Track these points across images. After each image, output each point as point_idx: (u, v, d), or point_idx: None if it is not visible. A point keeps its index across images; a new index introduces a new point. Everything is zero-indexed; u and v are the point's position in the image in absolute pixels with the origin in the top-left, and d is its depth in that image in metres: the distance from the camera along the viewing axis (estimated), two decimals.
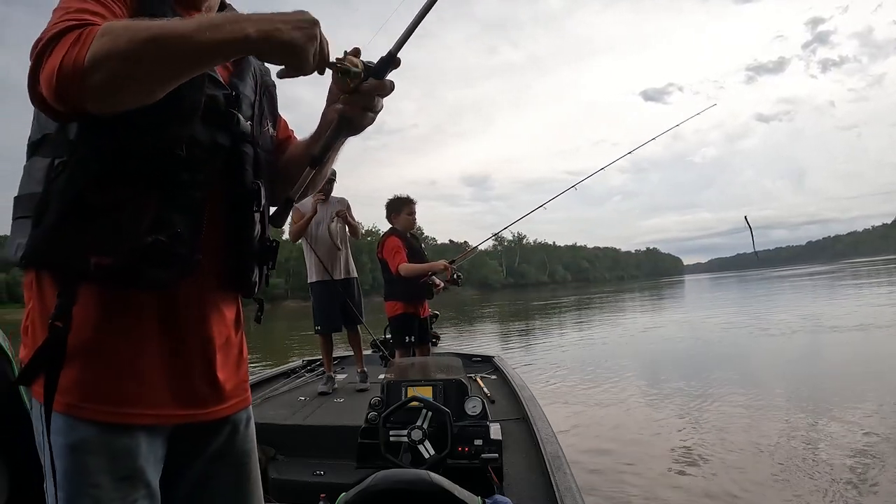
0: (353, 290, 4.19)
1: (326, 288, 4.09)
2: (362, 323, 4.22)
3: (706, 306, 22.17)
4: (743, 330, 12.35)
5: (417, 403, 2.10)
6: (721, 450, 4.35)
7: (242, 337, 0.98)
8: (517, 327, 18.42)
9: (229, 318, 0.93)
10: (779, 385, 6.52)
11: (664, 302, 28.98)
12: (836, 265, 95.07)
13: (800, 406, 5.45)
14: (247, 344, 1.01)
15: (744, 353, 9.34)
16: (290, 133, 1.09)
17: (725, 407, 5.65)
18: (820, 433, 4.59)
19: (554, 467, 2.14)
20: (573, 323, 18.07)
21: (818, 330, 11.40)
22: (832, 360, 8.14)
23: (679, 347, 10.63)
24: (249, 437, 0.98)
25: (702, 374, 7.43)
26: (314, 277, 4.13)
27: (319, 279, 4.11)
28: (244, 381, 0.97)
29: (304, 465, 2.69)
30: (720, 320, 14.89)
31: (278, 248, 0.98)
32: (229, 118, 0.86)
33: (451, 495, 1.34)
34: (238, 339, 0.96)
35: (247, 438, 0.98)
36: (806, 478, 3.67)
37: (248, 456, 0.97)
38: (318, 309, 4.12)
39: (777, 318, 14.05)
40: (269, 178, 0.96)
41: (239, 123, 0.88)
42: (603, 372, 8.18)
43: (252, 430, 1.00)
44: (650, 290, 46.13)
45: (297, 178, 0.92)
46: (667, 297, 33.54)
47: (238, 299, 0.97)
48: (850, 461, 3.87)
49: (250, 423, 0.99)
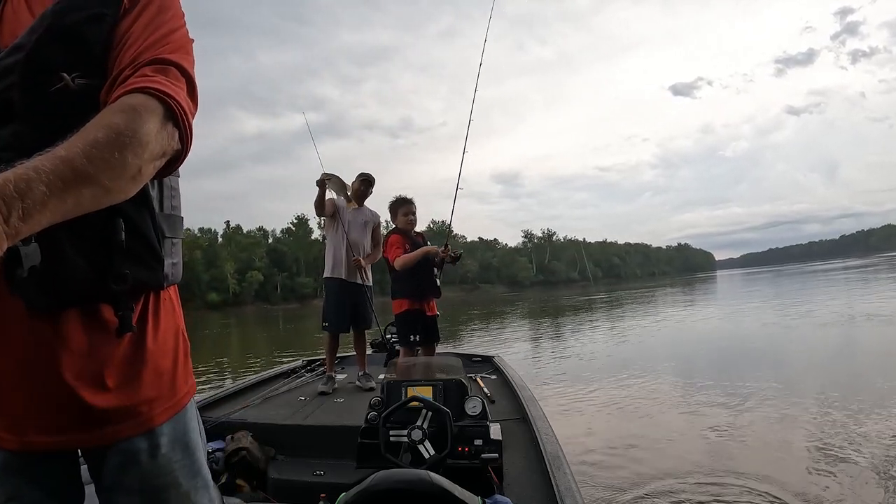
0: (364, 295, 4.23)
1: (340, 286, 4.12)
2: (370, 327, 4.27)
3: (734, 303, 22.16)
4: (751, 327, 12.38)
5: (417, 403, 2.10)
6: (724, 450, 4.36)
7: (131, 352, 0.81)
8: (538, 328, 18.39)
9: (63, 332, 0.76)
10: (794, 386, 6.45)
11: (694, 299, 29.08)
12: (870, 259, 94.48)
13: (821, 412, 5.30)
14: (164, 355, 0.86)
15: (743, 353, 9.36)
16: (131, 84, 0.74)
17: (733, 406, 5.66)
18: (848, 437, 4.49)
19: (554, 467, 2.13)
20: (595, 325, 17.87)
21: (854, 326, 11.36)
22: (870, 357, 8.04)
23: (715, 346, 10.58)
24: (163, 470, 0.84)
25: (729, 372, 7.42)
26: (330, 273, 4.16)
27: (335, 276, 4.14)
28: (134, 404, 0.81)
29: (304, 465, 2.69)
30: (742, 318, 14.88)
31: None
32: None
33: (451, 495, 1.34)
34: (104, 358, 0.79)
35: (156, 472, 0.83)
36: (816, 485, 3.64)
37: (161, 492, 0.84)
38: (329, 307, 4.15)
39: (811, 312, 14.00)
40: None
41: None
42: (604, 372, 8.19)
43: (174, 460, 0.85)
44: (681, 287, 46.10)
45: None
46: (697, 294, 33.64)
47: (80, 308, 0.77)
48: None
49: (160, 453, 0.84)
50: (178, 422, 0.87)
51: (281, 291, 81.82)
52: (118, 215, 0.75)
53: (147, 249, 0.80)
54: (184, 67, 0.79)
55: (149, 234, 0.80)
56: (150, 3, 0.81)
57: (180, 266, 0.91)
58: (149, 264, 0.81)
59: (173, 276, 0.88)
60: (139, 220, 0.78)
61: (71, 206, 0.60)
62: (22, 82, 0.72)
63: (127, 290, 0.78)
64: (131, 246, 0.77)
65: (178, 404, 0.88)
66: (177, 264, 0.89)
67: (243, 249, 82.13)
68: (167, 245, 0.85)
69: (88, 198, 0.62)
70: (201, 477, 0.90)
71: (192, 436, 0.90)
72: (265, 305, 75.21)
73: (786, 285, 34.31)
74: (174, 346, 0.89)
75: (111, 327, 0.79)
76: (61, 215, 0.60)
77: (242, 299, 75.35)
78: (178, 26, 0.83)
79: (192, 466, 0.88)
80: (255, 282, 77.76)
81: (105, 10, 0.77)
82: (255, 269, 79.01)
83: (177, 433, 0.87)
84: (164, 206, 0.85)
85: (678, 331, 13.97)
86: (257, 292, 78.65)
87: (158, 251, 0.82)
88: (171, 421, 0.86)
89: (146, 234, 0.80)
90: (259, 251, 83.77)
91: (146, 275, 0.80)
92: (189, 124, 0.76)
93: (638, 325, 16.05)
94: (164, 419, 0.85)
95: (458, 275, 44.12)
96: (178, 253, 0.90)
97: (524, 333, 16.25)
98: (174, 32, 0.81)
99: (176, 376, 0.88)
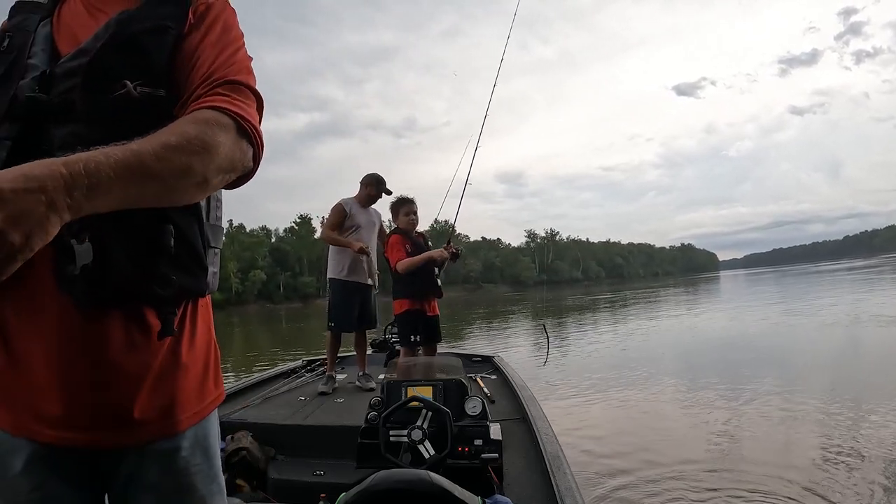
0: (369, 295, 4.23)
1: (348, 286, 4.13)
2: (375, 326, 4.29)
3: (737, 304, 22.15)
4: (755, 327, 12.35)
5: (417, 403, 2.10)
6: (726, 450, 4.36)
7: (168, 356, 0.83)
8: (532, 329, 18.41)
9: (106, 332, 0.77)
10: (799, 386, 6.44)
11: (698, 299, 29.10)
12: (874, 260, 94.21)
13: (826, 412, 5.33)
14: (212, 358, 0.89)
15: (747, 354, 9.34)
16: (206, 94, 0.78)
17: (733, 407, 5.65)
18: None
19: (554, 467, 2.14)
20: (597, 325, 17.93)
21: (859, 326, 11.35)
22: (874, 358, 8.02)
23: (712, 347, 10.61)
24: (182, 474, 0.86)
25: (732, 372, 7.42)
26: (337, 274, 4.16)
27: (340, 277, 4.14)
28: (165, 407, 0.82)
29: (304, 465, 2.69)
30: (746, 318, 14.86)
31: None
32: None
33: (451, 495, 1.34)
34: (143, 359, 0.80)
35: (175, 475, 0.85)
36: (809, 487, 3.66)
37: (178, 495, 0.86)
38: (336, 306, 4.15)
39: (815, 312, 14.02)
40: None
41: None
42: (605, 372, 8.18)
43: (193, 464, 0.87)
44: (685, 287, 46.05)
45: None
46: (701, 295, 33.63)
47: (133, 310, 0.79)
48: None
49: (181, 456, 0.85)
50: (201, 427, 0.88)
51: (284, 291, 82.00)
52: (168, 222, 0.76)
53: (193, 257, 0.81)
54: (252, 87, 0.83)
55: (196, 243, 0.81)
56: (215, 22, 0.84)
57: (218, 276, 0.93)
58: (193, 272, 0.82)
59: (213, 285, 0.89)
60: (187, 228, 0.80)
61: (133, 197, 0.63)
62: (84, 85, 0.74)
63: (171, 295, 0.79)
64: (178, 252, 0.78)
65: (204, 410, 0.89)
66: (216, 274, 0.90)
67: (246, 249, 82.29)
68: (210, 254, 0.86)
69: (151, 193, 0.66)
70: (217, 483, 0.91)
71: (212, 441, 0.91)
72: (268, 304, 75.39)
73: (790, 286, 34.24)
74: (206, 353, 0.91)
75: (152, 331, 0.80)
76: (123, 203, 0.62)
77: (245, 298, 75.48)
78: (242, 45, 0.87)
79: (210, 472, 0.89)
80: (258, 281, 77.94)
81: (169, 23, 0.80)
82: (258, 268, 79.18)
83: (199, 438, 0.88)
84: (210, 217, 0.88)
85: (681, 331, 13.95)
86: (260, 291, 78.85)
87: (203, 259, 0.83)
88: (196, 426, 0.87)
89: (193, 243, 0.81)
90: (262, 250, 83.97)
91: (190, 282, 0.81)
92: (261, 142, 0.80)
93: (641, 325, 16.03)
94: (190, 424, 0.86)
95: (460, 275, 44.30)
96: (217, 262, 0.91)
97: (528, 333, 16.24)
98: (239, 51, 0.85)
99: (206, 383, 0.90)
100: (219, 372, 0.94)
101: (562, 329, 16.62)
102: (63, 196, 0.55)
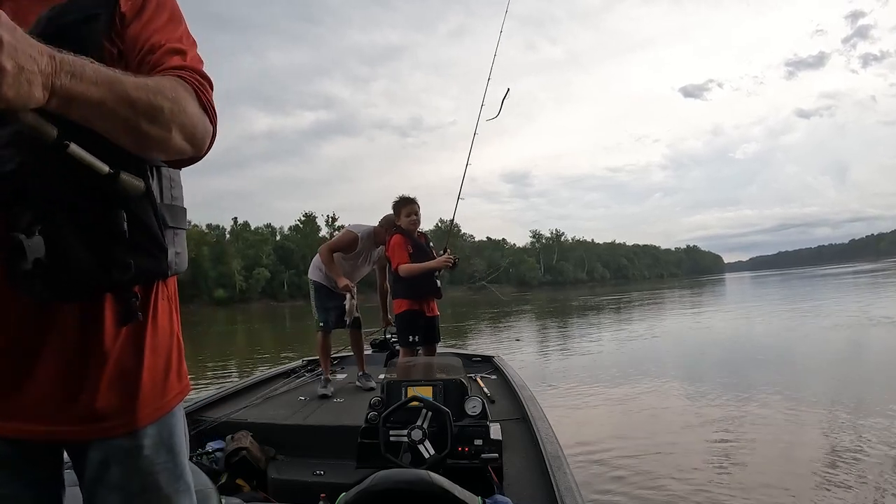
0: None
1: (326, 287, 4.08)
2: (360, 326, 4.20)
3: (743, 306, 22.07)
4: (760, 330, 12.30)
5: (417, 403, 2.10)
6: (727, 450, 4.34)
7: (129, 346, 0.83)
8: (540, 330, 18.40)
9: (65, 321, 0.78)
10: (803, 389, 6.40)
11: (702, 301, 28.94)
12: (880, 263, 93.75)
13: (830, 415, 5.31)
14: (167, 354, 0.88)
15: (751, 355, 9.32)
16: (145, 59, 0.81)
17: (737, 408, 5.64)
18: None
19: (554, 467, 2.13)
20: (601, 327, 17.83)
21: (864, 330, 11.29)
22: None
23: (715, 349, 10.56)
24: (145, 472, 0.84)
25: (734, 373, 7.42)
26: (316, 277, 4.12)
27: (321, 281, 4.10)
28: (126, 399, 0.82)
29: (304, 465, 2.70)
30: (750, 321, 14.81)
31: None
32: None
33: (451, 495, 1.34)
34: (103, 349, 0.80)
35: (138, 473, 0.84)
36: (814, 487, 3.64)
37: (142, 493, 0.84)
38: (321, 305, 4.11)
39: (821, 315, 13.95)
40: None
41: None
42: (606, 372, 8.17)
43: (157, 462, 0.85)
44: (690, 289, 45.91)
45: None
46: (706, 297, 33.45)
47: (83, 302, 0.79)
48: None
49: (143, 454, 0.84)
50: (164, 424, 0.87)
51: (288, 289, 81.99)
52: (119, 206, 0.76)
53: (149, 239, 0.80)
54: (198, 57, 0.86)
55: (151, 224, 0.80)
56: (148, 2, 0.84)
57: (184, 256, 0.91)
58: (152, 253, 0.81)
59: (177, 266, 0.88)
60: (140, 211, 0.79)
61: (105, 114, 0.64)
62: None
63: (130, 280, 0.79)
64: (134, 236, 0.77)
65: (166, 406, 0.88)
66: (180, 254, 0.89)
67: (251, 246, 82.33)
68: (169, 235, 0.85)
69: (120, 119, 0.66)
70: (183, 481, 0.90)
71: (176, 439, 0.90)
72: (272, 302, 75.36)
73: (795, 288, 34.03)
74: (168, 346, 0.90)
75: (110, 320, 0.80)
76: (94, 114, 0.64)
77: (249, 296, 75.49)
78: (181, 20, 0.89)
79: (175, 470, 0.88)
80: (262, 279, 77.92)
81: (99, 10, 0.79)
82: (262, 265, 79.21)
83: (162, 435, 0.87)
84: (164, 197, 0.86)
85: (684, 332, 13.91)
86: (264, 289, 78.80)
87: (161, 240, 0.82)
88: (158, 423, 0.86)
89: (148, 224, 0.80)
90: (266, 248, 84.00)
91: (150, 263, 0.80)
92: (216, 128, 0.83)
93: (644, 326, 15.99)
94: (150, 420, 0.85)
95: (465, 275, 44.51)
96: (181, 243, 0.90)
97: (530, 333, 16.22)
98: (180, 26, 0.88)
99: (168, 377, 0.89)
100: (182, 365, 0.93)
101: (565, 329, 16.61)
102: (50, 65, 0.57)
